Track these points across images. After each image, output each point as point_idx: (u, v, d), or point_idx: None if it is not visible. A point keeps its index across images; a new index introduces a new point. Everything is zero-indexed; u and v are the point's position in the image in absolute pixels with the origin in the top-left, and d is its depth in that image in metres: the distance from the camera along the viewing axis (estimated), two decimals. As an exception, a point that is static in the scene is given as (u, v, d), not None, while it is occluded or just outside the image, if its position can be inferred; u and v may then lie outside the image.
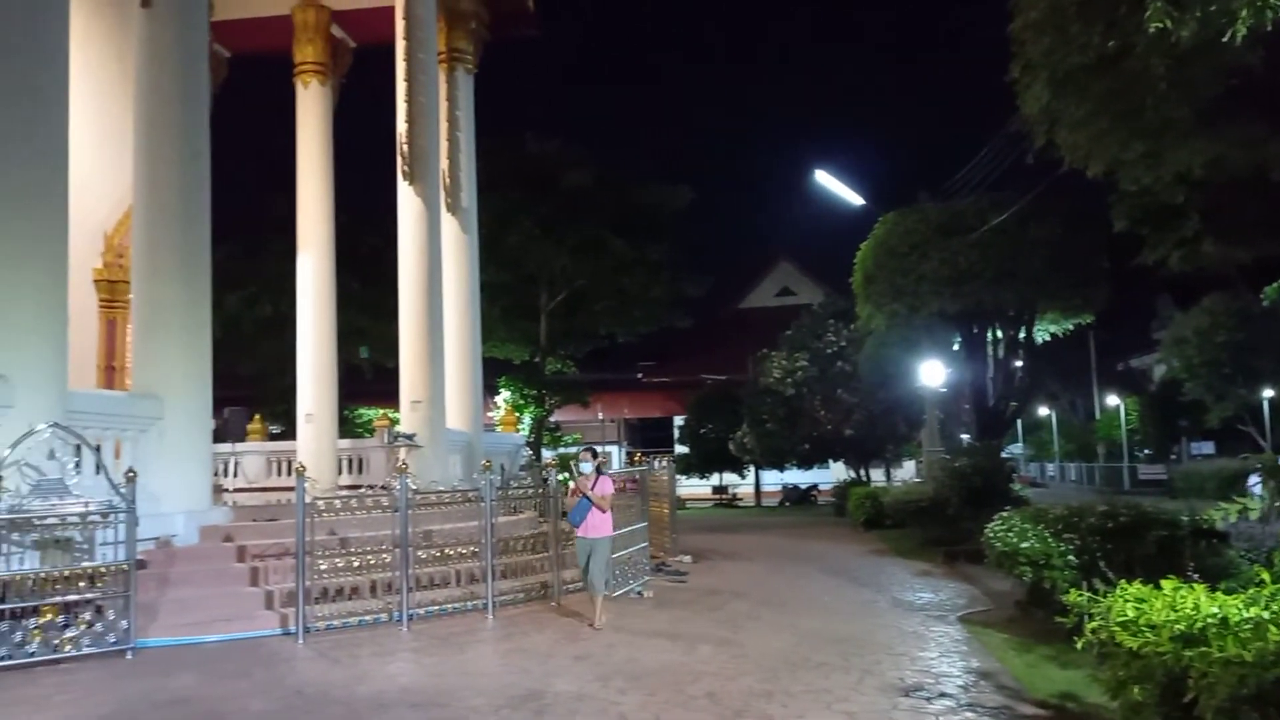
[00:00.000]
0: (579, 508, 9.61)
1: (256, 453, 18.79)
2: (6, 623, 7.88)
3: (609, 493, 9.81)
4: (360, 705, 6.53)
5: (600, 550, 9.57)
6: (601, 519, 9.62)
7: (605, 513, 9.66)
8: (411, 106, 15.83)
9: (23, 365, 8.70)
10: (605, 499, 9.69)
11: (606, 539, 9.66)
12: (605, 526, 9.68)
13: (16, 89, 9.02)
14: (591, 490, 9.61)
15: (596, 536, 9.54)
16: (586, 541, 9.56)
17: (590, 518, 9.56)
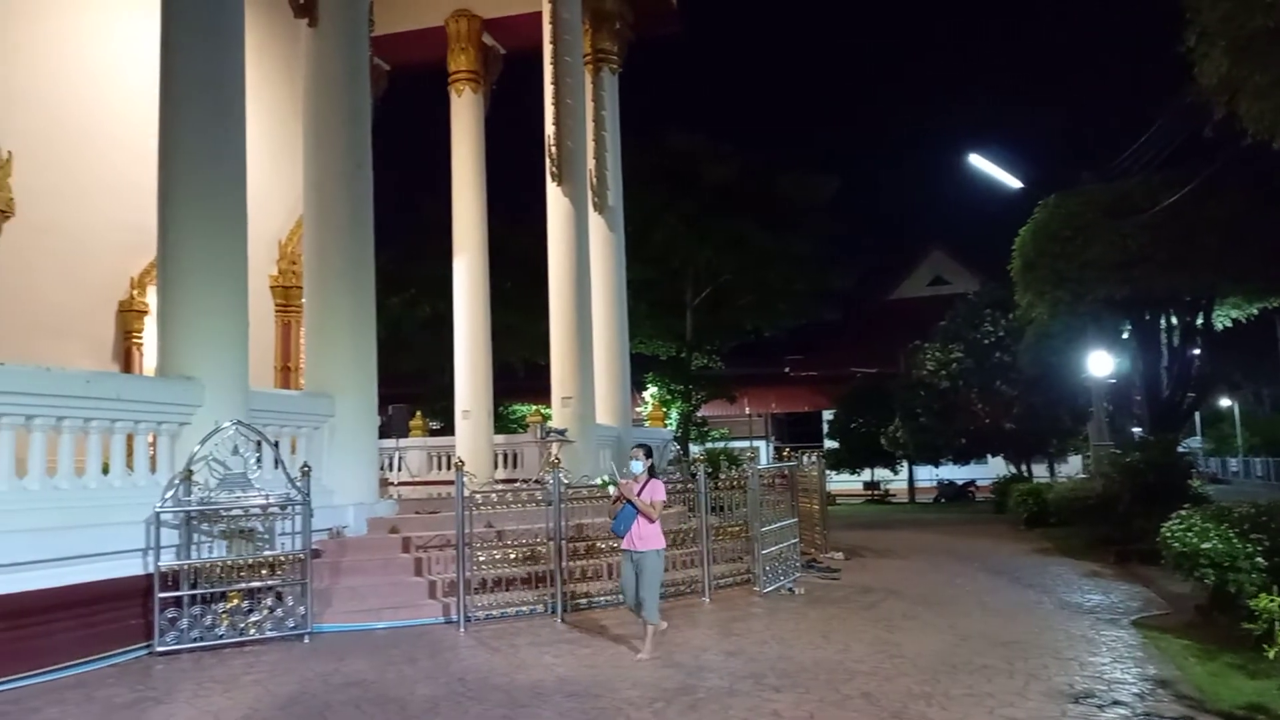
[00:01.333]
0: (623, 515, 8.17)
1: (418, 448, 19.65)
2: (199, 607, 8.51)
3: (660, 499, 8.28)
4: (519, 693, 6.72)
5: (649, 567, 8.06)
6: (650, 530, 8.14)
7: (654, 522, 8.16)
8: (559, 109, 16.16)
9: (211, 368, 9.38)
10: (655, 506, 8.18)
11: (656, 553, 8.15)
12: (655, 539, 8.17)
13: (208, 117, 9.72)
14: (639, 495, 8.17)
15: (644, 550, 8.07)
16: (632, 556, 8.12)
17: (637, 528, 8.11)
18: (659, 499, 8.26)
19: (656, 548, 8.16)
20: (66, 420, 8.21)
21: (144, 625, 8.30)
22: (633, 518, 8.10)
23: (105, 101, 14.67)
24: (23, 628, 7.24)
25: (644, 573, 8.01)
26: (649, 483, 8.28)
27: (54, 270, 13.68)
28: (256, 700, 6.66)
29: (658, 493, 8.29)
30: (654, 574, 8.07)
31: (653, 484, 8.31)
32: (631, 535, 8.10)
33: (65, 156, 14.03)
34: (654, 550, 8.12)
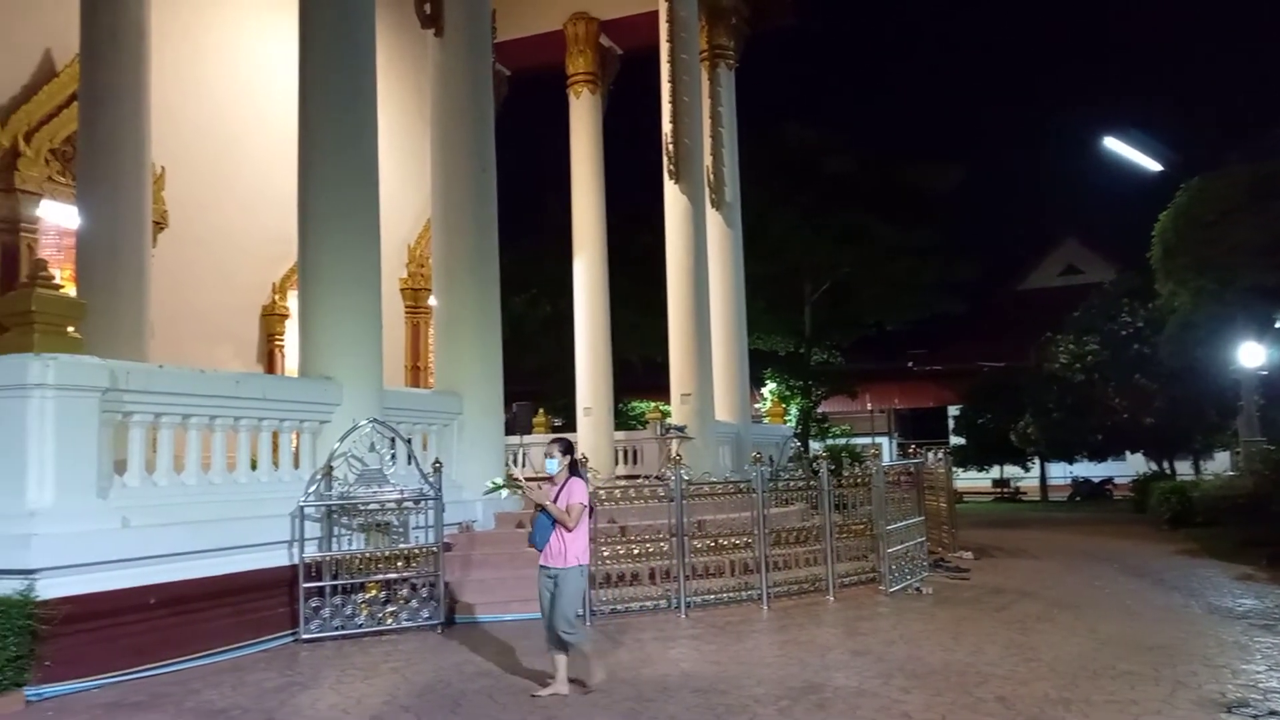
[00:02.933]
0: (540, 524, 6.71)
1: (541, 444, 19.99)
2: (340, 597, 8.92)
3: (579, 503, 6.66)
4: (646, 687, 6.81)
5: (566, 588, 6.60)
6: (570, 541, 6.65)
7: (573, 531, 6.65)
8: (676, 106, 16.24)
9: (348, 369, 9.82)
10: (573, 511, 6.61)
11: (578, 570, 6.68)
12: (576, 552, 6.67)
13: (343, 129, 10.18)
14: (554, 501, 6.67)
15: (561, 566, 6.62)
16: (548, 572, 6.68)
17: (555, 539, 6.66)
18: (576, 502, 6.64)
19: (577, 564, 6.67)
20: (218, 419, 8.72)
21: (290, 614, 8.74)
22: (550, 527, 6.64)
23: (248, 118, 15.51)
24: (183, 614, 7.73)
25: (560, 594, 6.58)
26: (568, 483, 6.74)
27: (204, 278, 14.56)
28: (395, 687, 6.94)
29: (576, 494, 6.68)
30: (571, 596, 6.63)
31: (571, 484, 6.75)
32: (549, 548, 6.68)
33: (212, 170, 14.91)
34: (574, 567, 6.65)
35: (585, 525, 6.84)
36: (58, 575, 6.90)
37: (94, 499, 7.37)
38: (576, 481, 6.81)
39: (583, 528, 6.79)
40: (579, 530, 6.72)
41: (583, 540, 6.80)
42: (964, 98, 70.77)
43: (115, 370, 7.65)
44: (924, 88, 67.26)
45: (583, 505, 6.73)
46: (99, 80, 11.40)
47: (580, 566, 6.76)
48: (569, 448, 6.98)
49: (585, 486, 6.88)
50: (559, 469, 6.83)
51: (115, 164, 11.36)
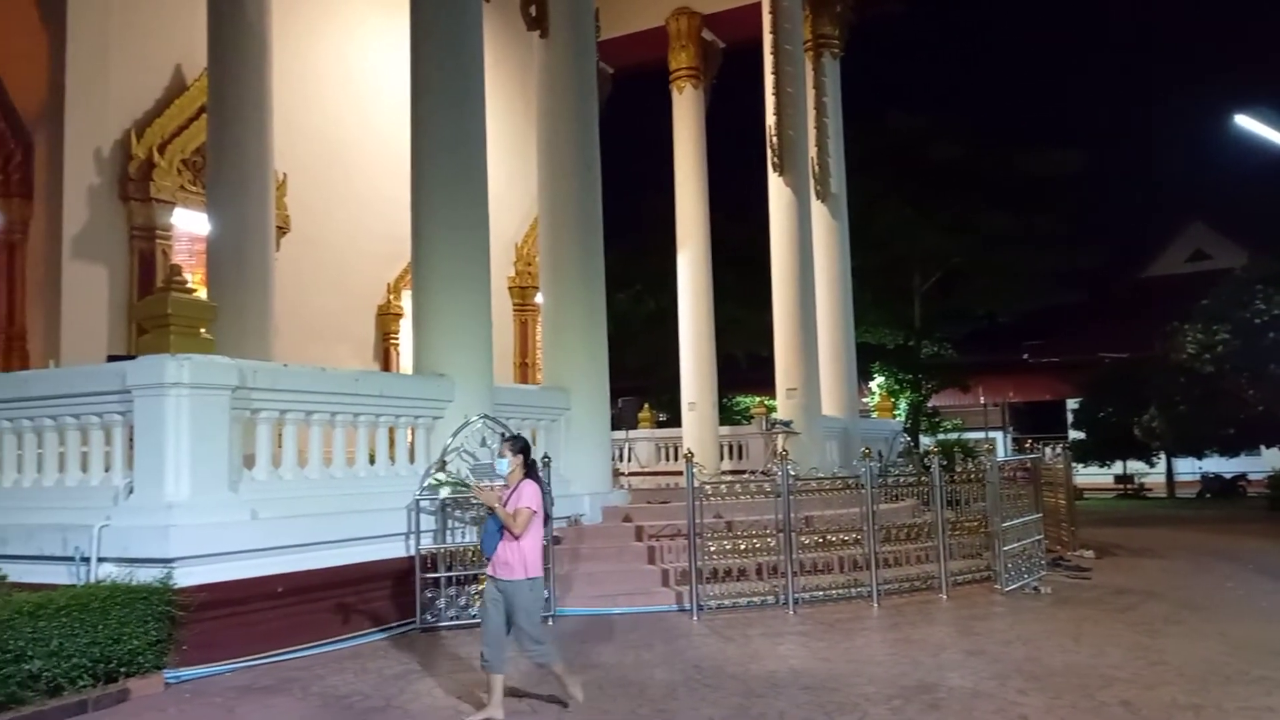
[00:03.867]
0: (488, 531, 6.15)
1: (646, 439, 20.18)
2: (454, 588, 9.16)
3: (527, 506, 5.99)
4: (755, 683, 6.80)
5: (519, 603, 5.97)
6: (521, 549, 5.97)
7: (519, 539, 5.95)
8: (779, 98, 16.12)
9: (460, 366, 10.08)
10: (519, 517, 5.95)
11: (528, 584, 5.99)
12: (524, 562, 5.98)
13: (453, 133, 10.45)
14: (504, 505, 6.04)
15: (509, 578, 5.98)
16: (498, 585, 6.02)
17: (502, 548, 6.01)
18: (525, 506, 5.98)
19: (529, 575, 5.99)
20: (339, 415, 9.06)
21: (407, 604, 9.01)
22: (499, 535, 6.04)
23: (363, 124, 16.07)
24: (308, 602, 8.07)
25: (515, 611, 5.99)
26: (519, 486, 6.09)
27: (324, 279, 15.15)
28: (507, 677, 7.08)
29: (526, 498, 6.01)
30: (529, 612, 6.02)
31: (522, 487, 6.08)
32: (496, 557, 6.04)
33: (330, 175, 15.50)
34: (524, 580, 5.96)
35: (537, 534, 6.11)
36: (193, 564, 7.29)
37: (226, 492, 7.75)
38: (529, 484, 6.11)
39: (533, 536, 6.05)
40: (529, 538, 6.01)
41: (534, 550, 6.06)
42: (1082, 79, 67.96)
43: (244, 369, 8.04)
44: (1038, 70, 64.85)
45: (532, 511, 6.01)
46: (225, 93, 11.98)
47: (532, 580, 6.03)
48: (523, 447, 6.32)
49: (538, 491, 6.13)
50: (510, 469, 6.16)
51: (241, 172, 11.92)
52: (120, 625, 6.62)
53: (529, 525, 6.01)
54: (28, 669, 6.09)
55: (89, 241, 12.51)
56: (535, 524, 6.09)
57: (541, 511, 6.16)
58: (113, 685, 6.58)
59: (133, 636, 6.70)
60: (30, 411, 8.26)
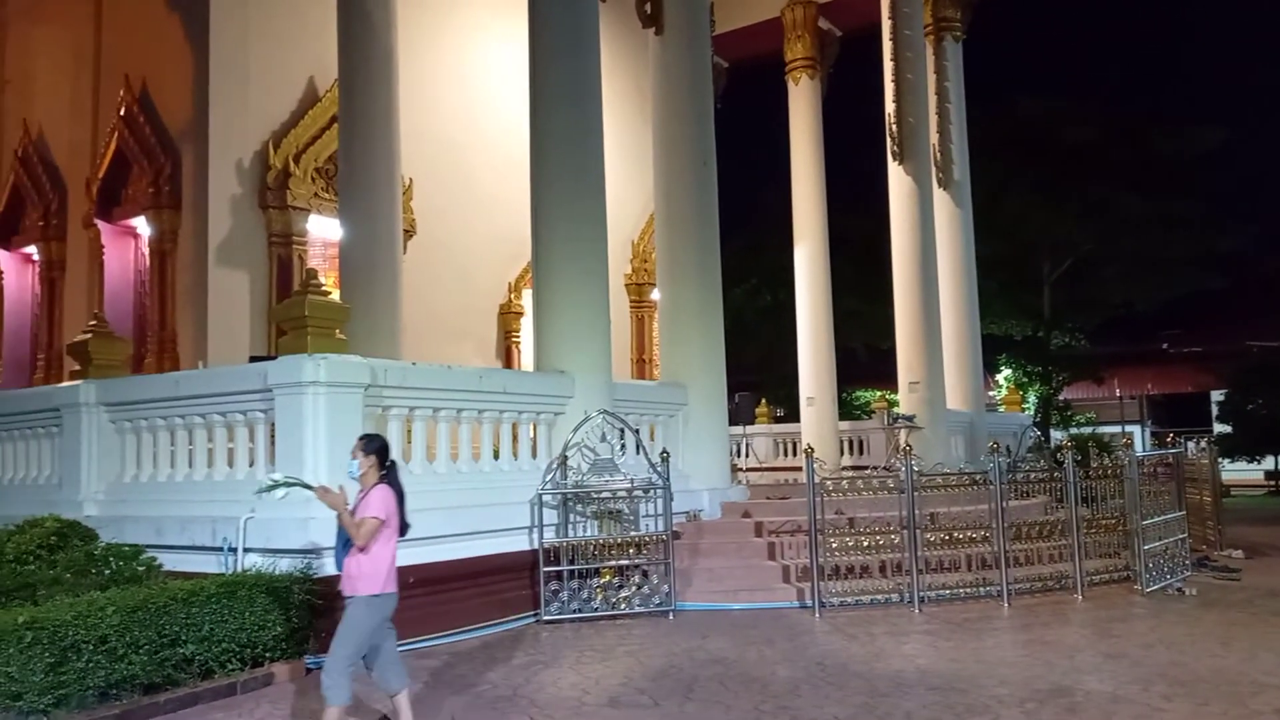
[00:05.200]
0: (338, 539, 5.53)
1: (764, 435, 20.07)
2: (576, 581, 9.32)
3: (374, 515, 5.34)
4: (879, 682, 6.69)
5: (347, 616, 5.35)
6: (367, 562, 5.35)
7: (365, 551, 5.33)
8: (899, 85, 15.78)
9: (580, 363, 10.24)
10: (363, 526, 5.30)
11: (365, 601, 5.34)
12: (362, 576, 5.35)
13: (571, 134, 10.61)
14: (352, 510, 5.42)
15: (348, 594, 5.38)
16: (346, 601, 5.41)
17: (349, 561, 5.40)
18: (370, 515, 5.33)
19: (367, 592, 5.33)
20: (464, 412, 9.32)
21: (531, 596, 9.22)
22: (346, 543, 5.44)
23: (485, 128, 16.47)
24: (437, 593, 8.33)
25: (339, 627, 5.37)
26: (370, 490, 5.45)
27: (448, 279, 15.60)
28: (629, 670, 7.18)
29: (373, 505, 5.37)
30: (345, 634, 5.31)
31: (372, 493, 5.43)
32: (345, 569, 5.43)
33: (454, 179, 15.95)
34: (360, 597, 5.33)
35: (386, 546, 5.41)
36: (331, 555, 7.60)
37: (358, 486, 8.07)
38: (378, 490, 5.44)
39: (381, 548, 5.38)
40: (375, 550, 5.35)
41: (378, 563, 5.35)
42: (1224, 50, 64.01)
43: (375, 368, 8.35)
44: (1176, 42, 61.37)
45: (378, 520, 5.33)
46: (355, 103, 12.45)
47: (370, 597, 5.32)
48: (379, 448, 5.62)
49: (390, 497, 5.45)
50: (362, 471, 5.51)
51: (370, 179, 12.37)
52: (265, 612, 6.99)
53: (376, 536, 5.33)
54: (182, 652, 6.49)
55: (232, 249, 13.22)
56: (385, 535, 5.39)
57: (395, 520, 5.45)
58: (258, 669, 6.94)
59: (276, 623, 7.06)
60: (181, 410, 8.78)
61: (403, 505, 5.56)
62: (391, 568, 5.45)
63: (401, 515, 5.55)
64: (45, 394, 10.22)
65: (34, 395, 10.71)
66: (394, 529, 5.49)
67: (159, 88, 13.97)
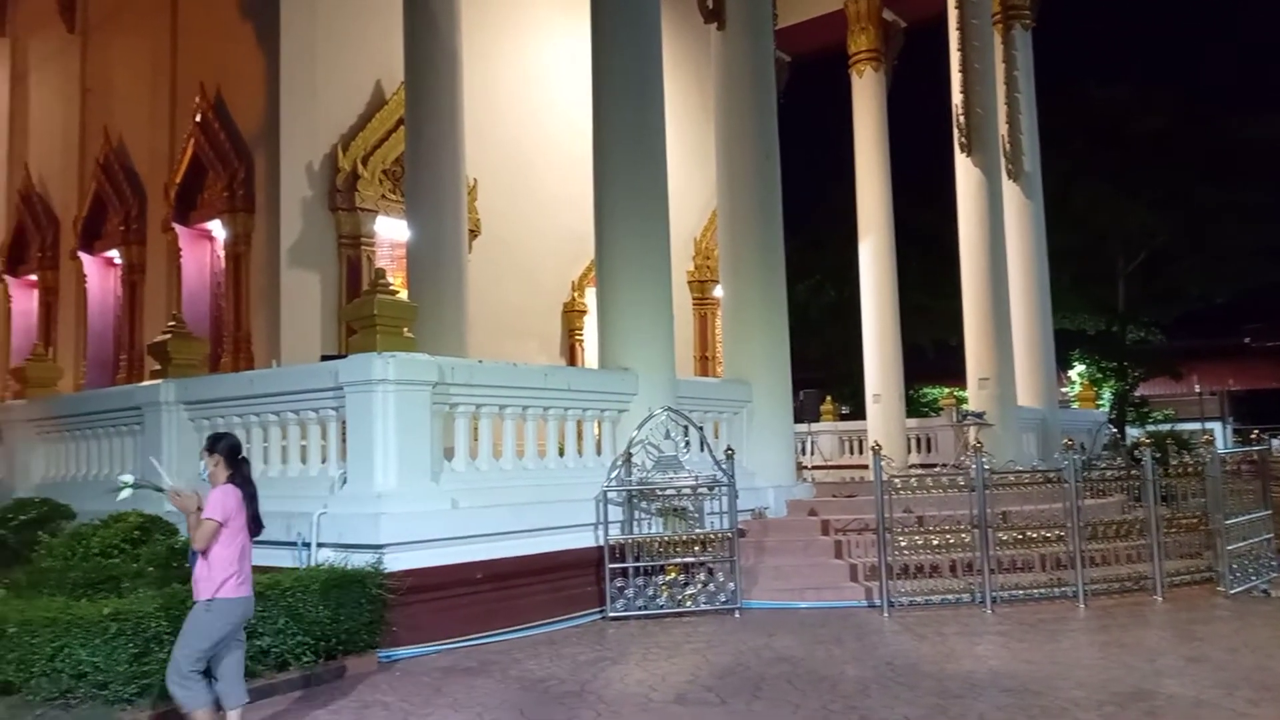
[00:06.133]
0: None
1: (829, 432, 19.89)
2: (641, 578, 9.33)
3: (213, 518, 5.17)
4: (950, 682, 6.57)
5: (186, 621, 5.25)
6: (205, 566, 5.21)
7: (206, 554, 5.20)
8: (966, 75, 15.50)
9: (644, 360, 10.25)
10: (203, 529, 5.16)
11: (204, 606, 5.19)
12: (203, 579, 5.21)
13: (633, 132, 10.61)
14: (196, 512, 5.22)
15: (195, 598, 5.26)
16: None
17: (196, 564, 5.27)
18: (210, 518, 5.16)
19: (202, 596, 5.19)
20: (530, 409, 9.39)
21: (596, 592, 9.25)
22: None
23: (547, 127, 16.58)
24: (504, 589, 8.42)
25: (180, 633, 5.26)
26: (213, 490, 5.34)
27: (512, 278, 15.73)
28: (696, 668, 7.16)
29: (210, 507, 5.21)
30: (185, 638, 5.18)
31: (213, 494, 5.30)
32: (194, 573, 5.30)
33: (518, 179, 16.08)
34: (200, 602, 5.20)
35: (225, 548, 5.24)
36: (400, 550, 7.74)
37: (428, 482, 8.19)
38: (218, 490, 5.30)
39: (221, 550, 5.22)
40: (214, 553, 5.20)
41: (214, 567, 5.19)
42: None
43: (442, 365, 8.46)
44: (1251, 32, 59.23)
45: (215, 522, 5.18)
46: (421, 106, 12.62)
47: (206, 601, 5.17)
48: (225, 446, 5.45)
49: (229, 497, 5.28)
50: (209, 470, 5.42)
51: (436, 180, 12.53)
52: (338, 606, 7.12)
53: (215, 538, 5.20)
54: (259, 644, 6.64)
55: (303, 250, 13.50)
56: (225, 537, 5.24)
57: (239, 521, 5.29)
58: (332, 662, 7.08)
59: (349, 617, 7.18)
60: (257, 408, 9.00)
61: (252, 503, 5.40)
62: (232, 571, 5.23)
63: (250, 514, 5.39)
64: (127, 393, 10.56)
65: (117, 394, 11.07)
66: (236, 530, 5.29)
67: (233, 94, 14.33)
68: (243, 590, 5.29)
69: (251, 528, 5.40)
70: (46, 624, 6.01)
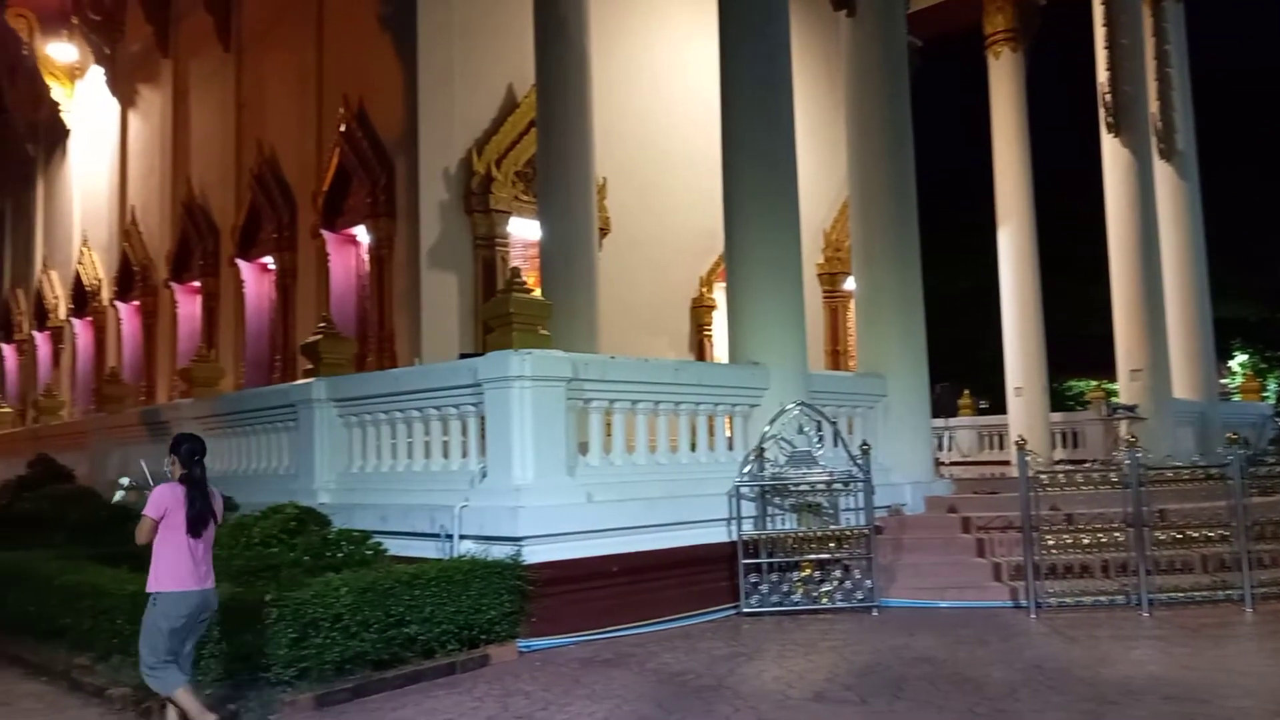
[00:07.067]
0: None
1: (967, 427, 19.29)
2: (775, 574, 9.25)
3: (147, 515, 5.50)
4: (1106, 688, 6.27)
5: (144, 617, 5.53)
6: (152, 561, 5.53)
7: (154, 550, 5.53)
8: (1112, 51, 14.75)
9: (775, 354, 10.16)
10: (140, 525, 5.54)
11: (150, 600, 5.51)
12: (150, 575, 5.53)
13: (763, 127, 10.50)
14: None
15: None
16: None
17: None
18: (145, 514, 5.50)
19: (150, 589, 5.49)
20: (661, 404, 9.43)
21: (730, 588, 9.22)
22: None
23: (675, 124, 16.64)
24: (639, 582, 8.49)
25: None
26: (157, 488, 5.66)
27: (642, 275, 15.87)
28: (834, 666, 7.07)
29: (149, 504, 5.52)
30: (143, 626, 5.49)
31: (155, 491, 5.60)
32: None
33: (646, 176, 16.21)
34: (150, 595, 5.49)
35: (163, 544, 5.49)
36: (538, 543, 7.91)
37: (564, 476, 8.34)
38: (160, 488, 5.59)
39: (159, 546, 5.49)
40: (156, 550, 5.48)
41: (159, 563, 5.47)
42: None
43: (576, 362, 8.60)
44: None
45: (149, 519, 5.47)
46: (552, 108, 12.84)
47: (154, 595, 5.45)
48: (183, 449, 5.68)
49: (166, 494, 5.52)
50: (170, 470, 5.70)
51: (567, 180, 12.73)
52: (479, 597, 7.34)
53: (152, 534, 5.49)
54: (406, 632, 6.92)
55: (441, 252, 13.96)
56: (164, 534, 5.49)
57: (176, 518, 5.49)
58: (475, 651, 7.30)
59: (490, 607, 7.40)
60: (401, 404, 9.36)
61: (194, 504, 5.52)
62: (171, 566, 5.44)
63: (190, 514, 5.50)
64: (283, 391, 11.14)
65: (273, 393, 11.71)
66: (173, 527, 5.48)
67: (374, 104, 14.92)
68: (188, 584, 5.45)
69: (189, 527, 5.50)
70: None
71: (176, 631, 5.46)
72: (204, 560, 5.58)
